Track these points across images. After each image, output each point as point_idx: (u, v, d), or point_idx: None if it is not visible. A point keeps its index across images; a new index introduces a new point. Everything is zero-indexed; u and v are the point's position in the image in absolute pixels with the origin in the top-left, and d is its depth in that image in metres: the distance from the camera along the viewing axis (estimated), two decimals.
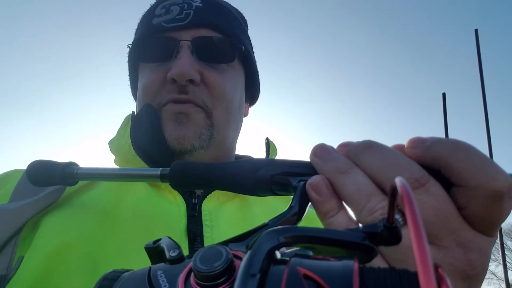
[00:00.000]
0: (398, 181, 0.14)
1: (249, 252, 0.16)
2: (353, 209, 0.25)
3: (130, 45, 0.60)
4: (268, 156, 0.61)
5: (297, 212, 0.25)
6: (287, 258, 0.17)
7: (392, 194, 0.16)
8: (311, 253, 0.18)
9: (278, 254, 0.17)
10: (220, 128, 0.56)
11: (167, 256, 0.20)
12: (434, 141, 0.24)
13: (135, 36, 0.63)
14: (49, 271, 0.38)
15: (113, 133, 0.60)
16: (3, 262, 0.40)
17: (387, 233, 0.18)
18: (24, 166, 0.47)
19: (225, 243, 0.22)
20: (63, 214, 0.45)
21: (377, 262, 0.24)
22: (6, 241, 0.41)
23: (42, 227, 0.43)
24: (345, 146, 0.28)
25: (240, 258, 0.18)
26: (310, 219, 0.45)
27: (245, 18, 0.68)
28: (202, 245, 0.45)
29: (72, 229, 0.43)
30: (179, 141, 0.52)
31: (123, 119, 0.59)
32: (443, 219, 0.23)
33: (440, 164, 0.24)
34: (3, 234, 0.41)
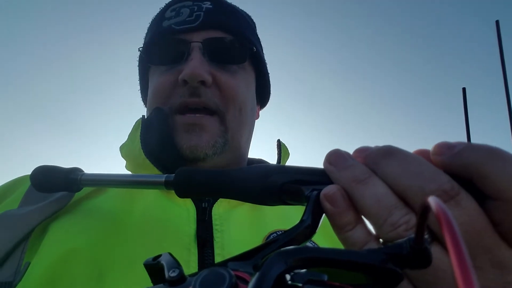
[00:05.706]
0: (432, 201, 0.12)
1: (255, 278, 0.15)
2: (372, 223, 0.23)
3: (140, 49, 0.59)
4: (280, 159, 0.60)
5: (310, 225, 0.23)
6: (300, 285, 0.15)
7: (422, 214, 0.14)
8: (325, 277, 0.16)
9: (288, 277, 0.15)
10: (234, 132, 0.55)
11: (166, 276, 0.18)
12: (464, 146, 0.21)
13: (145, 39, 0.62)
14: (54, 279, 0.37)
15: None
16: (11, 268, 0.39)
17: (415, 255, 0.16)
18: None
19: (229, 261, 0.20)
20: (70, 220, 0.44)
21: (402, 284, 0.21)
22: (15, 246, 0.41)
23: (49, 233, 0.42)
24: (363, 151, 0.25)
25: (245, 281, 0.16)
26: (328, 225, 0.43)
27: (254, 20, 0.67)
28: (212, 251, 0.44)
29: (79, 236, 0.42)
30: (191, 150, 0.51)
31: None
32: (476, 236, 0.20)
33: (472, 173, 0.21)
34: (12, 239, 0.41)
